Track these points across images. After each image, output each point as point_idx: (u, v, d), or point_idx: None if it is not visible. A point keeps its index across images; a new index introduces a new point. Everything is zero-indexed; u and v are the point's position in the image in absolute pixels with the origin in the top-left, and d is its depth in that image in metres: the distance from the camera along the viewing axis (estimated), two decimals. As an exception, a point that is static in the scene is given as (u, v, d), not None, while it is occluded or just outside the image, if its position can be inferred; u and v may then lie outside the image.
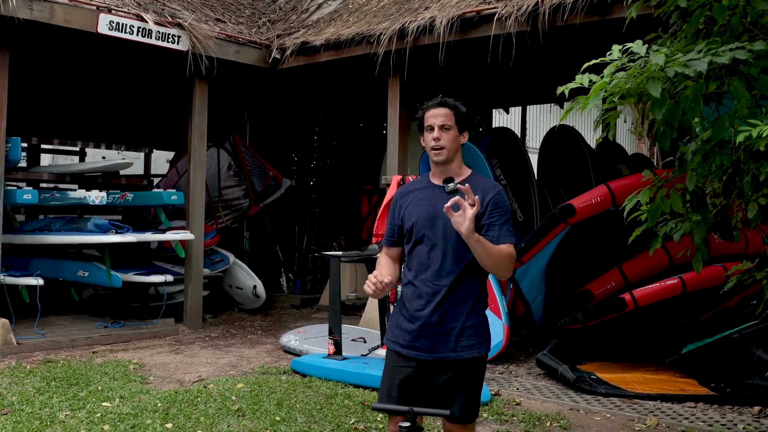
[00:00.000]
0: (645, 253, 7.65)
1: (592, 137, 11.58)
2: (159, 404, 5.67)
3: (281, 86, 11.33)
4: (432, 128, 3.37)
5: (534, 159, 10.40)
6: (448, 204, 3.10)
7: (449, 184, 3.32)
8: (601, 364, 7.13)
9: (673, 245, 6.48)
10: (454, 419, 3.25)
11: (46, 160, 13.90)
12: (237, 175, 11.80)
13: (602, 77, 2.96)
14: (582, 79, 3.03)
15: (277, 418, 5.38)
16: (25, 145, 11.72)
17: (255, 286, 10.37)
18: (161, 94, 11.81)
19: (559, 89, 3.13)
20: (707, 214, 3.49)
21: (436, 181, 3.41)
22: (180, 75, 8.94)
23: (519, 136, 11.34)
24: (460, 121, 3.38)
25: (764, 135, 2.86)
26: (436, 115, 3.37)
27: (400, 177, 8.32)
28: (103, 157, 12.44)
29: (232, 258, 10.46)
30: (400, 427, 3.15)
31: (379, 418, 5.39)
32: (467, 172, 3.42)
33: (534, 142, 18.15)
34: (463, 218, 3.07)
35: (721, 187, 3.74)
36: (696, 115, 3.14)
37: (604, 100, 3.05)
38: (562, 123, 10.81)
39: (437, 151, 3.35)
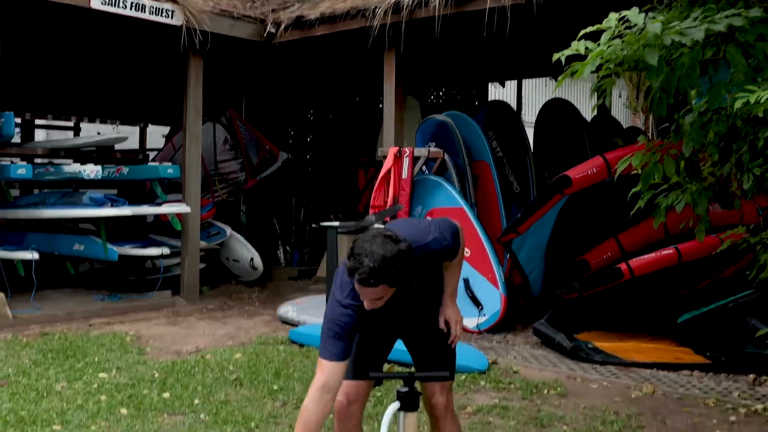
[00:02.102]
0: (641, 223, 7.66)
1: (587, 111, 11.62)
2: (156, 374, 5.69)
3: (277, 61, 11.24)
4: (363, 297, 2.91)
5: (530, 134, 10.37)
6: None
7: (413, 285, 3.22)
8: (598, 333, 7.16)
9: (670, 216, 6.49)
10: (445, 379, 3.34)
11: (40, 136, 13.83)
12: (233, 149, 11.76)
13: (599, 44, 2.95)
14: (578, 46, 3.01)
15: (275, 387, 5.40)
16: (18, 120, 11.69)
17: (252, 259, 10.38)
18: (156, 69, 11.70)
19: (555, 56, 3.11)
20: (701, 181, 3.49)
21: None
22: (174, 50, 8.86)
23: (515, 109, 11.30)
24: (401, 280, 2.88)
25: (762, 101, 2.85)
26: (365, 293, 2.87)
27: (396, 149, 8.30)
28: (98, 133, 12.41)
29: (228, 231, 10.46)
30: (398, 391, 3.17)
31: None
32: None
33: (530, 116, 18.08)
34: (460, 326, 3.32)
35: (717, 155, 3.73)
36: (693, 81, 3.13)
37: (599, 68, 3.03)
38: (557, 97, 10.77)
39: (377, 303, 2.95)
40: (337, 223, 7.53)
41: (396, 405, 3.13)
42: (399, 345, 3.45)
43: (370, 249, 2.79)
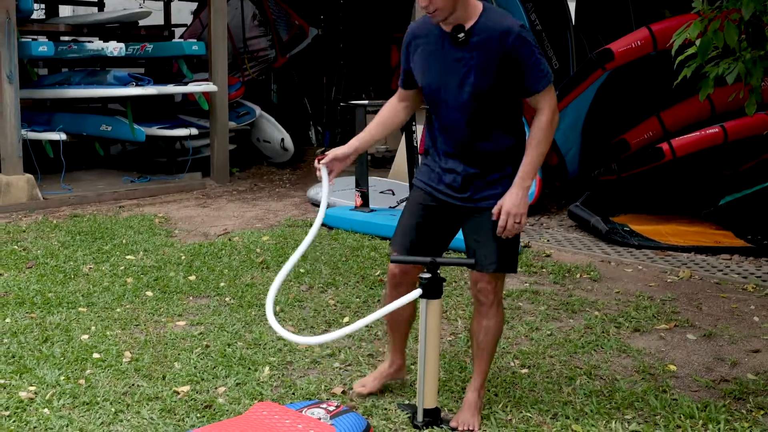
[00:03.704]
0: (685, 101, 7.29)
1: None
2: (183, 257, 5.65)
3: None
4: None
5: (572, 6, 9.81)
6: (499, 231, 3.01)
7: (460, 34, 2.96)
8: (635, 216, 6.94)
9: (717, 92, 6.12)
10: (480, 268, 3.10)
11: (65, 12, 13.54)
12: (262, 25, 11.39)
13: None
14: None
15: (302, 270, 5.33)
16: (42, -4, 11.40)
17: (283, 139, 10.21)
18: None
19: None
20: (766, 48, 3.14)
21: (446, 27, 2.99)
22: None
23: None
24: None
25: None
26: None
27: (428, 23, 7.92)
28: (124, 9, 12.08)
29: (258, 110, 10.25)
30: (420, 278, 3.03)
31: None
32: (478, 9, 2.97)
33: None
34: (513, 220, 2.98)
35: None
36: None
37: None
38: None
39: (432, 14, 2.92)
40: (365, 102, 7.28)
41: (418, 292, 3.01)
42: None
43: None
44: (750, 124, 6.62)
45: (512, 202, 2.97)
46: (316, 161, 3.24)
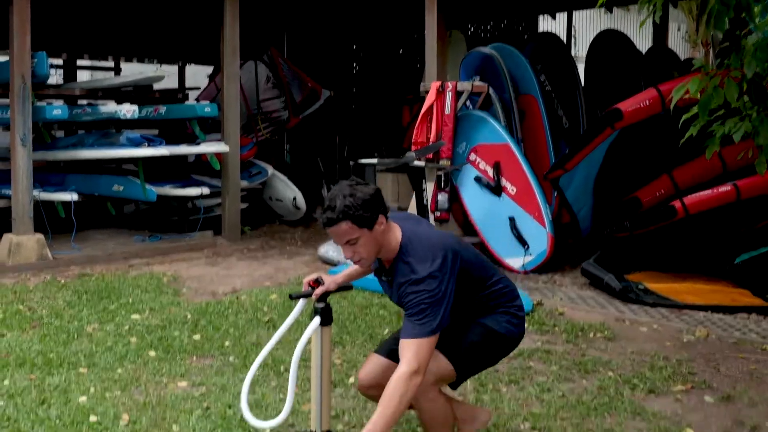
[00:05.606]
0: (697, 158, 7.25)
1: (642, 43, 10.95)
2: (189, 316, 5.58)
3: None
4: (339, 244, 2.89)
5: (582, 69, 9.88)
6: None
7: (383, 278, 3.05)
8: (650, 274, 6.82)
9: (728, 150, 6.06)
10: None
11: (84, 77, 13.77)
12: (275, 87, 11.53)
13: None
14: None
15: (308, 330, 5.22)
16: (60, 62, 11.62)
17: (295, 198, 10.21)
18: (194, 7, 11.46)
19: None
20: (766, 106, 3.10)
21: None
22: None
23: (565, 42, 10.78)
24: (365, 221, 2.78)
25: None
26: (336, 235, 2.82)
27: (438, 83, 7.95)
28: (141, 73, 12.27)
29: (270, 170, 10.28)
30: (315, 308, 3.21)
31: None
32: (396, 249, 2.89)
33: (581, 50, 17.42)
34: None
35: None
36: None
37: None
38: (610, 28, 10.23)
39: (357, 263, 2.96)
40: (374, 160, 7.27)
41: (317, 320, 3.15)
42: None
43: (332, 195, 2.79)
44: (763, 183, 6.55)
45: None
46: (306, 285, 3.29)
